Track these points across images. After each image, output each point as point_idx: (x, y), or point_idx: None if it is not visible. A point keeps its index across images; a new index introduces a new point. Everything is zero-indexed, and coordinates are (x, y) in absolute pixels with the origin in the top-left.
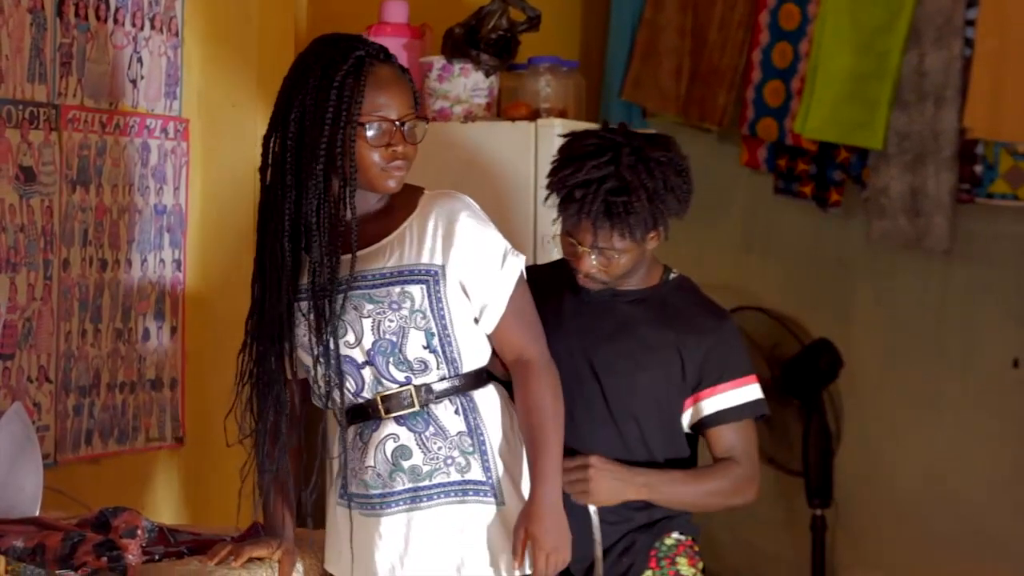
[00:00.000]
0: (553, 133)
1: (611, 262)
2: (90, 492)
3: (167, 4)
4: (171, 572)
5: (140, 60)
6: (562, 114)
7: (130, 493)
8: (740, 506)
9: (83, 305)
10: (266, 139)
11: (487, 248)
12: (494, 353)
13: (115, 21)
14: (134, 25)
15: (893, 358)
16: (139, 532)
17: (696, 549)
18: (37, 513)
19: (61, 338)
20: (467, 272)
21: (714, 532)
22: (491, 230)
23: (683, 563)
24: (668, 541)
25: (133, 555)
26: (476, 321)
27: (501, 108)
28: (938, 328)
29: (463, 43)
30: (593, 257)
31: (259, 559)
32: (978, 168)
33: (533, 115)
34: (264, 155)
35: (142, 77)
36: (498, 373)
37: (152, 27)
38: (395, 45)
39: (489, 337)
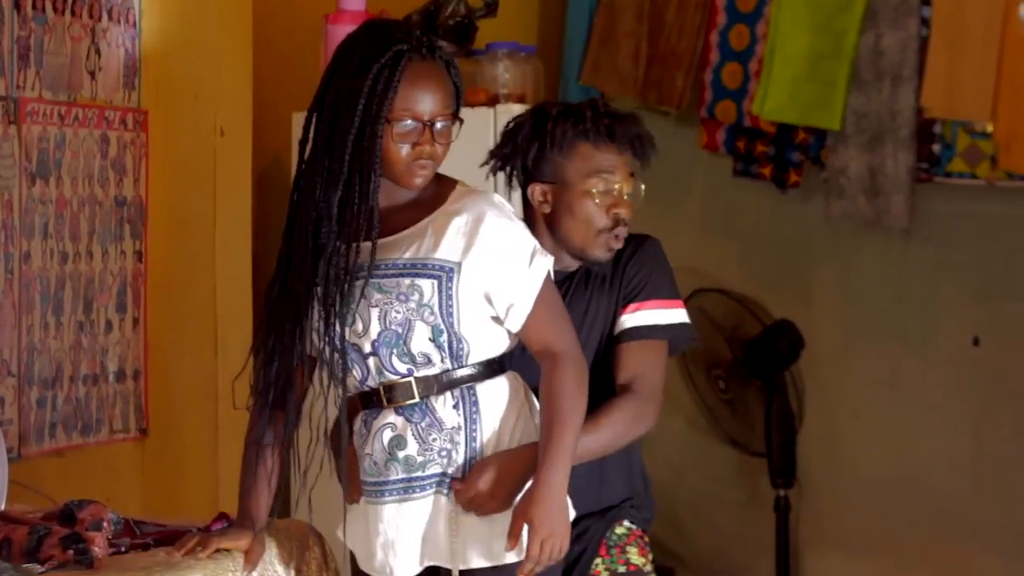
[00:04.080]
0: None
1: (638, 201)
2: (55, 485)
3: None
4: (137, 564)
5: (98, 51)
6: (521, 99)
7: (95, 485)
8: (645, 433)
9: (44, 298)
10: (308, 114)
11: (514, 248)
12: None
13: (72, 13)
14: (91, 17)
15: (854, 338)
16: (105, 524)
17: (646, 540)
18: (2, 507)
19: (23, 331)
20: (491, 273)
21: (678, 513)
22: (518, 231)
23: (633, 552)
24: (619, 530)
25: (99, 547)
26: (498, 320)
27: None
28: (898, 307)
29: (421, 29)
30: (634, 194)
31: (226, 550)
32: (936, 147)
33: (492, 101)
34: (304, 129)
35: (100, 69)
36: None
37: (110, 18)
38: None
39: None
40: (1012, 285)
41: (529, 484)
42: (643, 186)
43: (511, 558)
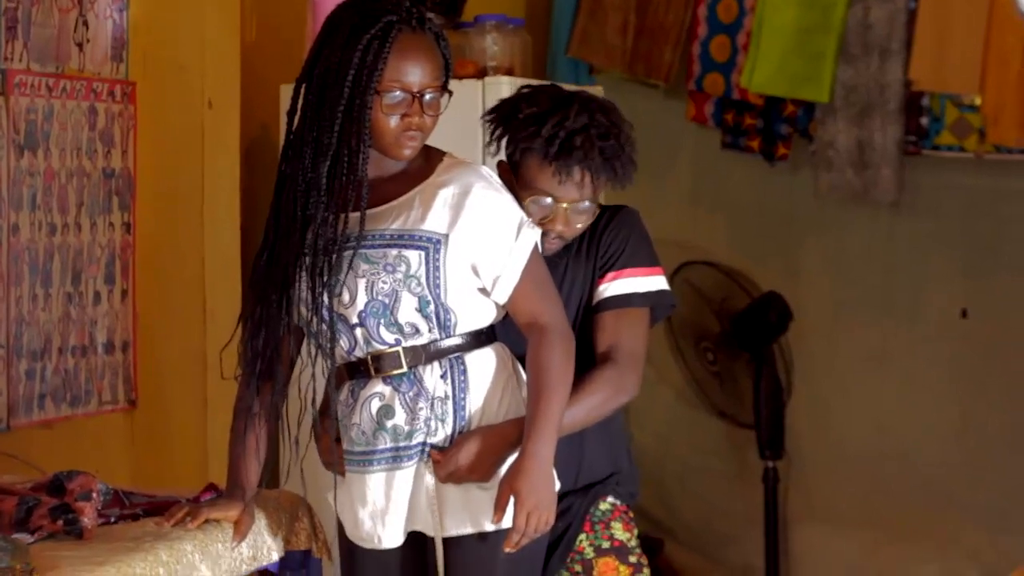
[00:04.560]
0: (500, 91)
1: (586, 219)
2: (44, 456)
3: None
4: (127, 534)
5: (86, 23)
6: (509, 72)
7: (83, 457)
8: (626, 403)
9: (33, 269)
10: (296, 85)
11: (501, 220)
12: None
13: None
14: None
15: (842, 310)
16: (94, 495)
17: (631, 516)
18: None
19: (12, 303)
20: (478, 244)
21: (666, 485)
22: (505, 202)
23: (618, 527)
24: (603, 506)
25: (89, 518)
26: (485, 292)
27: None
28: (886, 280)
29: (411, 1)
30: (579, 216)
31: (216, 521)
32: (924, 120)
33: (480, 73)
34: (293, 100)
35: (88, 40)
36: None
37: None
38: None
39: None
40: (1000, 258)
41: (515, 456)
42: (595, 211)
43: (489, 528)
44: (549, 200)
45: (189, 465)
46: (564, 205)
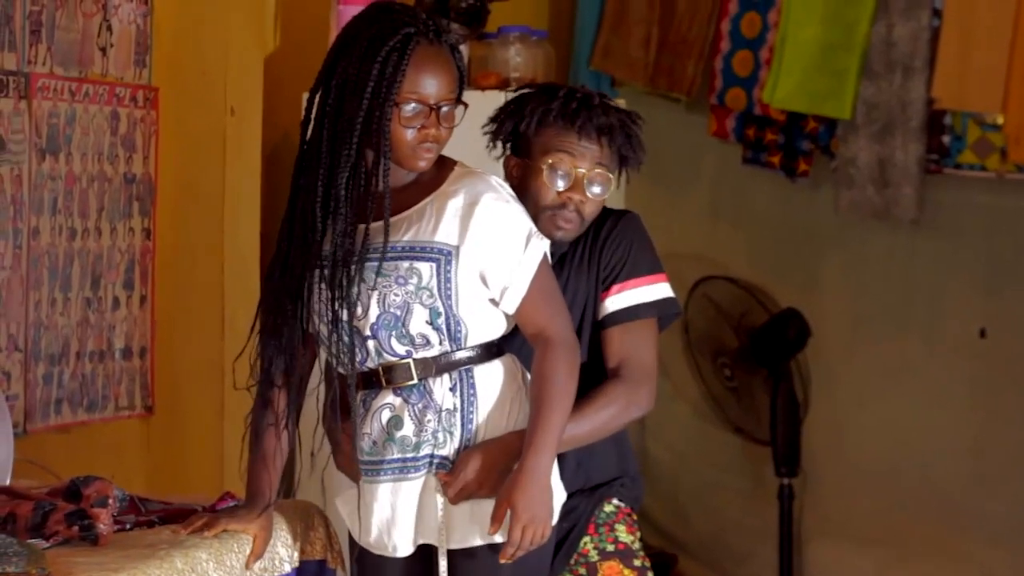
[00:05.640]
0: None
1: (601, 192)
2: (59, 462)
3: None
4: (142, 541)
5: (110, 28)
6: (532, 83)
7: (100, 462)
8: (639, 417)
9: (52, 274)
10: (311, 95)
11: (510, 231)
12: None
13: None
14: None
15: (860, 328)
16: (110, 501)
17: (634, 518)
18: (7, 482)
19: (30, 307)
20: (487, 255)
21: (680, 500)
22: (515, 213)
23: (622, 530)
24: (607, 508)
25: (104, 524)
26: (494, 302)
27: (471, 77)
28: (905, 298)
29: (433, 12)
30: (596, 185)
31: (233, 531)
32: (946, 138)
33: (503, 84)
34: (307, 110)
35: (112, 45)
36: None
37: None
38: None
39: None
40: (1020, 278)
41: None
42: (611, 184)
43: (499, 539)
44: (568, 166)
45: (205, 473)
46: (582, 170)
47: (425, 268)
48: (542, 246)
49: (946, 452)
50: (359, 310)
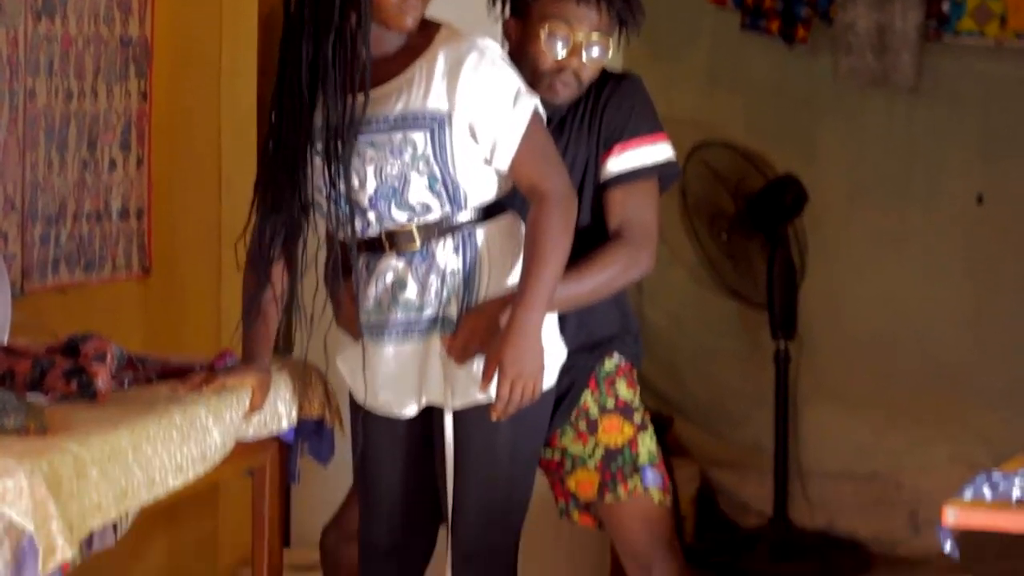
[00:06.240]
0: None
1: (599, 56)
2: (57, 322)
3: None
4: (140, 397)
5: None
6: None
7: (97, 323)
8: (640, 278)
9: (49, 135)
10: None
11: (497, 89)
12: None
13: None
14: None
15: (858, 195)
16: (108, 358)
17: (635, 374)
18: (5, 341)
19: (27, 168)
20: (475, 113)
21: (677, 364)
22: (502, 70)
23: (622, 386)
24: (608, 364)
25: (103, 380)
26: (487, 161)
27: None
28: (903, 165)
29: None
30: (594, 50)
31: (231, 387)
32: (945, 5)
33: None
34: None
35: None
36: None
37: None
38: None
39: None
40: (1017, 145)
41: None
42: (610, 49)
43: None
44: (565, 32)
45: (202, 333)
46: (580, 35)
47: (419, 137)
48: (532, 102)
49: (943, 317)
50: (356, 183)
